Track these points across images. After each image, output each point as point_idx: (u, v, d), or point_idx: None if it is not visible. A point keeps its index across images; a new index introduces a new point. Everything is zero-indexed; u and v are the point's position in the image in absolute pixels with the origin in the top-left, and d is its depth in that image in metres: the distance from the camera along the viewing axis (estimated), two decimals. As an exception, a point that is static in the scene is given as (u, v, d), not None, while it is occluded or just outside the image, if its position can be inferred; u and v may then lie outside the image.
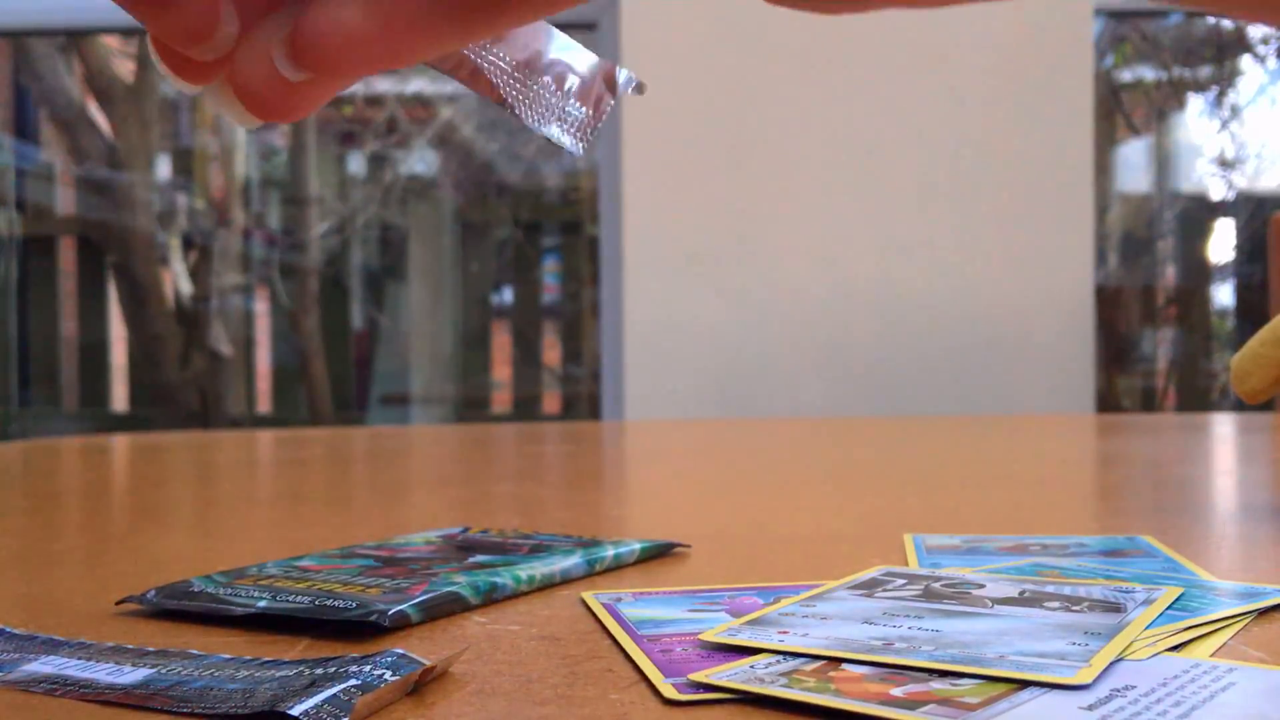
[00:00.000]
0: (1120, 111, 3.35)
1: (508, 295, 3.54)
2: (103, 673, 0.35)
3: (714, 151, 2.47)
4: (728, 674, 0.34)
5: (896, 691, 0.32)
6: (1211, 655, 0.36)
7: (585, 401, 3.38)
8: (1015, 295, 2.52)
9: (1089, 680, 0.32)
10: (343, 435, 1.37)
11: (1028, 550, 0.53)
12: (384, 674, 0.33)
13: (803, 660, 0.35)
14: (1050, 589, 0.43)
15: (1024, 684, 0.32)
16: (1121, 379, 3.34)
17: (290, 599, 0.42)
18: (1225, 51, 3.25)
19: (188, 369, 3.36)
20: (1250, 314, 3.31)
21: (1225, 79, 3.32)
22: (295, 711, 0.30)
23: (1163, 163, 3.39)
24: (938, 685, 0.33)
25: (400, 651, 0.34)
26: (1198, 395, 3.35)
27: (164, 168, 3.45)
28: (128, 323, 3.39)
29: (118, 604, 0.45)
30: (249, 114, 0.26)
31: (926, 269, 2.50)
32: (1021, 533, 0.59)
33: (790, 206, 2.49)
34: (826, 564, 0.51)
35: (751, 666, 0.35)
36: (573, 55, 0.30)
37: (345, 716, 0.30)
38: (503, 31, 0.28)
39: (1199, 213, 3.38)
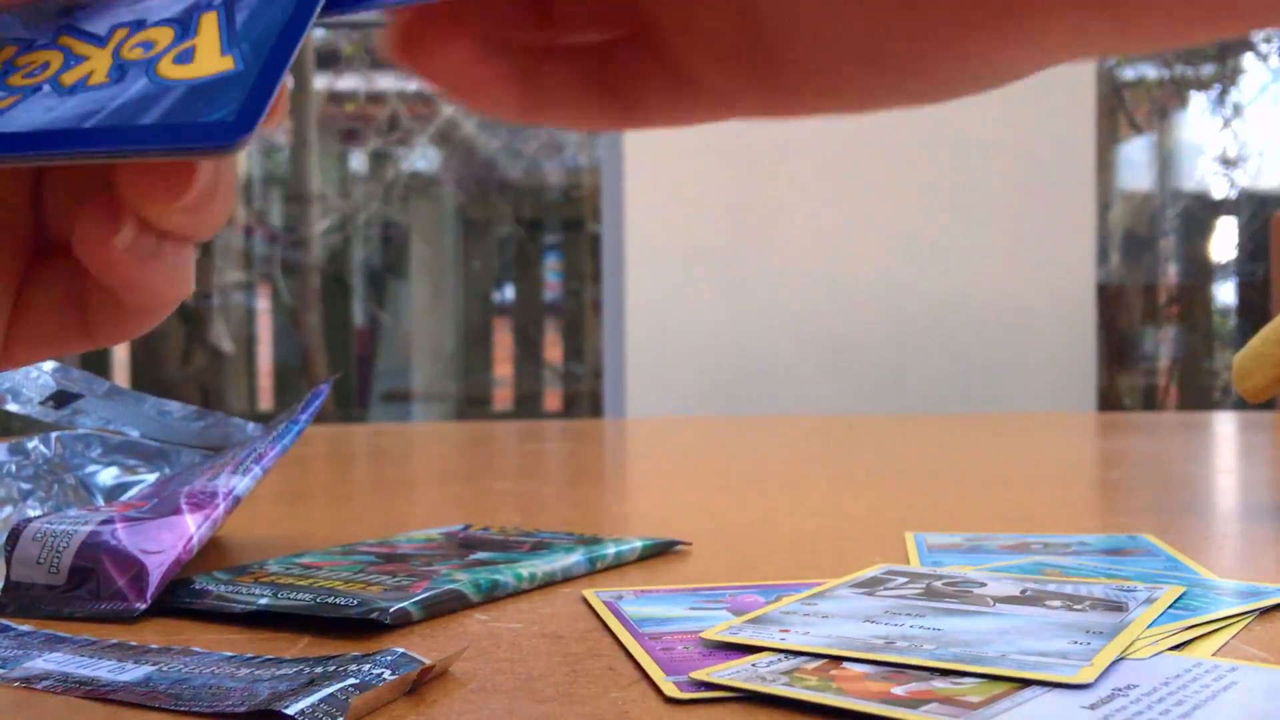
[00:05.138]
0: (1122, 109, 3.35)
1: (509, 292, 3.54)
2: (105, 670, 0.35)
3: (716, 148, 2.47)
4: (729, 672, 0.34)
5: (898, 690, 0.32)
6: (1213, 654, 0.36)
7: (587, 399, 3.38)
8: (1017, 293, 2.52)
9: (1091, 679, 0.32)
10: (344, 432, 1.37)
11: (1029, 549, 0.53)
12: (383, 673, 0.33)
13: (804, 659, 0.35)
14: (1052, 588, 0.43)
15: (1026, 683, 0.32)
16: (1123, 377, 3.33)
17: (291, 597, 0.42)
18: (1228, 50, 3.25)
19: (189, 366, 3.37)
20: (1252, 312, 3.30)
21: (1228, 77, 3.32)
22: (291, 710, 0.30)
23: (1165, 161, 3.38)
24: (939, 684, 0.32)
25: (400, 650, 0.34)
26: (1199, 394, 3.35)
27: (165, 164, 3.44)
28: (129, 319, 3.39)
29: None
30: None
31: (928, 266, 2.50)
32: (1023, 531, 0.59)
33: (792, 203, 2.49)
34: (828, 562, 0.51)
35: (753, 665, 0.34)
36: None
37: (341, 716, 0.30)
38: None
39: (1201, 211, 3.38)
